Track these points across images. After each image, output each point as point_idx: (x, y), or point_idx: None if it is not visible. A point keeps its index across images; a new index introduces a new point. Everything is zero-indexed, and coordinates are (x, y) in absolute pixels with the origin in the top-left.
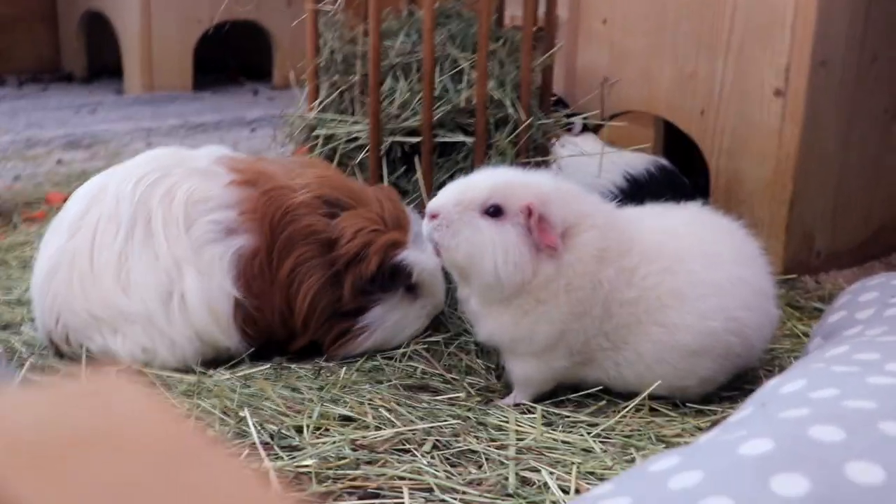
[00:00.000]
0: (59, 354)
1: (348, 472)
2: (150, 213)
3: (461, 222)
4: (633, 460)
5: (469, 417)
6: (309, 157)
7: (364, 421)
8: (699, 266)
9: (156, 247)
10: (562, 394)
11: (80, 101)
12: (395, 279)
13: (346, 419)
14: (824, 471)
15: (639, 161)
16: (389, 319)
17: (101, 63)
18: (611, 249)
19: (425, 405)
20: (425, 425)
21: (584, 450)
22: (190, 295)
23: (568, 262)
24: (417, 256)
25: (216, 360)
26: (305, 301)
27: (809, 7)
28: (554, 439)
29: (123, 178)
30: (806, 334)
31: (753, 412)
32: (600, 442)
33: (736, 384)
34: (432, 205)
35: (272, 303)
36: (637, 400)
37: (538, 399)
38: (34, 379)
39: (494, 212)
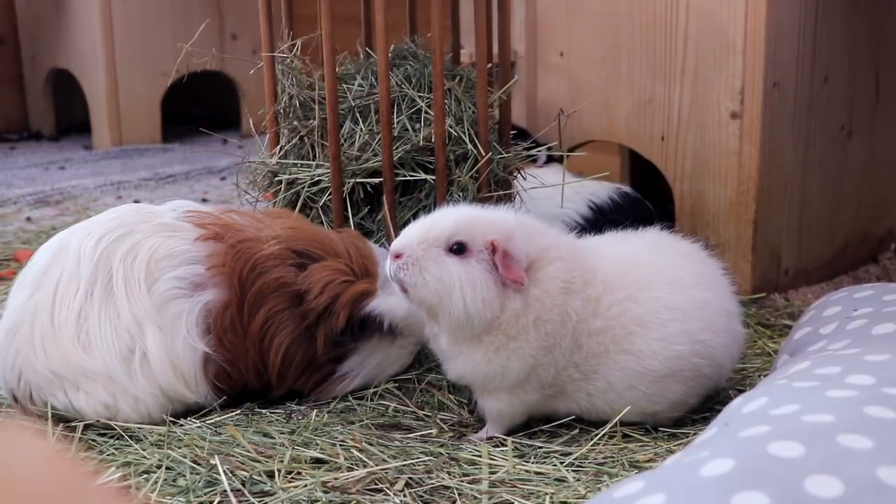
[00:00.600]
0: (26, 412)
1: None
2: (110, 270)
3: (427, 259)
4: (606, 488)
5: (441, 453)
6: (276, 208)
7: (336, 462)
8: (661, 292)
9: (117, 305)
10: (535, 425)
11: (49, 159)
12: (366, 328)
13: (318, 462)
14: (784, 486)
15: (602, 189)
16: (368, 365)
17: (70, 120)
18: (576, 280)
19: (397, 443)
20: (397, 464)
21: (557, 480)
22: (152, 353)
23: (535, 295)
24: (387, 304)
25: (186, 411)
26: (279, 354)
27: (758, 31)
28: (527, 471)
29: (86, 235)
30: (777, 352)
31: (716, 432)
32: (573, 471)
33: (707, 405)
34: (396, 245)
35: (246, 356)
36: (609, 426)
37: (511, 432)
38: None
39: (458, 249)
